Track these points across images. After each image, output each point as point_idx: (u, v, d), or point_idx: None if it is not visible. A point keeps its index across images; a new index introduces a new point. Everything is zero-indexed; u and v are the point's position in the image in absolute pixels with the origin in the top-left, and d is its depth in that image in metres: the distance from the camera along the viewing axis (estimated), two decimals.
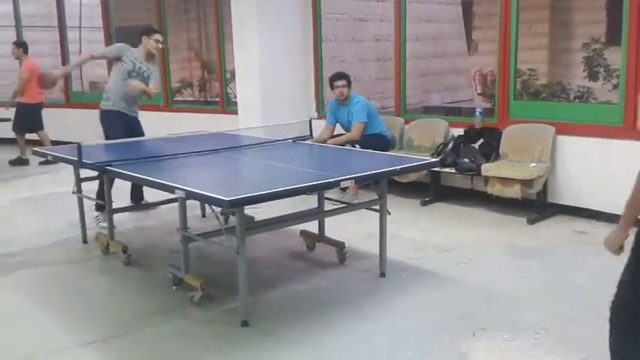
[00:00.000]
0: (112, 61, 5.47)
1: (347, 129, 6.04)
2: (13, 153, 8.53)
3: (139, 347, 3.15)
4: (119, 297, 3.83)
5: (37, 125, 8.42)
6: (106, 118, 5.34)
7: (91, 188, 4.85)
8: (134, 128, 5.40)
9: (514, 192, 4.99)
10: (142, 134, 5.44)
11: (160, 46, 5.54)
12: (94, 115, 5.42)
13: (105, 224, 4.76)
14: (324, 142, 5.79)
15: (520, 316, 3.30)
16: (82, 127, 8.66)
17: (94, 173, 4.41)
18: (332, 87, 6.06)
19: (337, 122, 6.14)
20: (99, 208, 5.14)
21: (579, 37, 9.74)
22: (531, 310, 3.38)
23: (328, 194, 4.44)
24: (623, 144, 4.74)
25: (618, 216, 5.07)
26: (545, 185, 5.12)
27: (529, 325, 3.18)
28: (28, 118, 8.35)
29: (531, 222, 5.00)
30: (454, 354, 2.93)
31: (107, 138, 5.22)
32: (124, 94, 5.27)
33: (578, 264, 4.11)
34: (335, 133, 6.14)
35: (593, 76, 8.34)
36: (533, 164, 5.09)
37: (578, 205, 5.04)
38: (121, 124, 5.29)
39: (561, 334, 3.10)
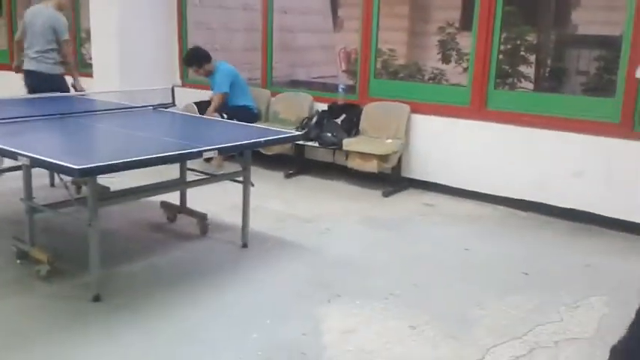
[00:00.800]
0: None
1: None
2: None
3: None
4: None
5: None
6: (59, 81, 5.60)
7: None
8: None
9: (372, 166, 5.24)
10: None
11: None
12: None
13: None
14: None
15: (372, 283, 3.50)
16: None
17: None
18: None
19: None
20: None
21: (435, 21, 10.31)
22: (382, 277, 3.59)
23: (191, 165, 4.35)
24: (468, 123, 5.15)
25: (462, 190, 5.55)
26: (399, 161, 5.42)
27: (380, 290, 3.39)
28: None
29: (386, 195, 5.29)
30: (310, 320, 3.04)
31: None
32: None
33: (424, 233, 4.44)
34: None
35: (446, 59, 8.86)
36: (389, 140, 5.36)
37: (427, 180, 5.42)
38: None
39: (408, 298, 3.33)
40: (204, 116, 5.47)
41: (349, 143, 5.39)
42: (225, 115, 5.68)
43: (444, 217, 4.80)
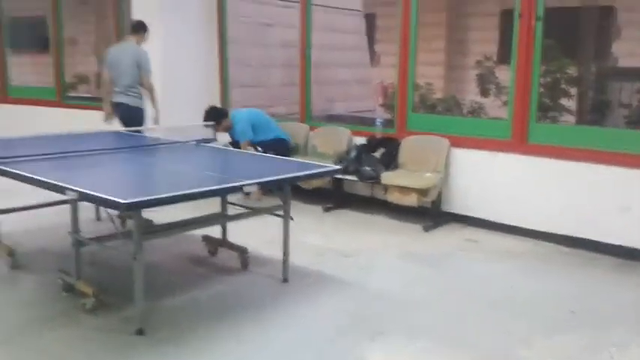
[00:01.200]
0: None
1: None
2: None
3: (25, 356, 2.95)
4: (3, 303, 3.57)
5: None
6: (142, 114, 5.85)
7: None
8: None
9: (411, 200, 5.21)
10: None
11: None
12: None
13: None
14: None
15: (414, 320, 3.44)
16: None
17: None
18: None
19: None
20: None
21: (473, 54, 10.32)
22: (424, 314, 3.53)
23: (231, 199, 4.40)
24: (509, 157, 5.08)
25: (504, 225, 5.44)
26: (439, 194, 5.38)
27: (422, 328, 3.33)
28: None
29: (427, 229, 5.24)
30: (351, 357, 3.00)
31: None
32: None
33: (465, 269, 4.36)
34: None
35: (484, 93, 8.84)
36: (428, 174, 5.33)
37: (468, 214, 5.34)
38: None
39: (452, 335, 3.26)
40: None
41: (388, 177, 5.38)
42: (260, 149, 5.79)
43: (486, 253, 4.71)
